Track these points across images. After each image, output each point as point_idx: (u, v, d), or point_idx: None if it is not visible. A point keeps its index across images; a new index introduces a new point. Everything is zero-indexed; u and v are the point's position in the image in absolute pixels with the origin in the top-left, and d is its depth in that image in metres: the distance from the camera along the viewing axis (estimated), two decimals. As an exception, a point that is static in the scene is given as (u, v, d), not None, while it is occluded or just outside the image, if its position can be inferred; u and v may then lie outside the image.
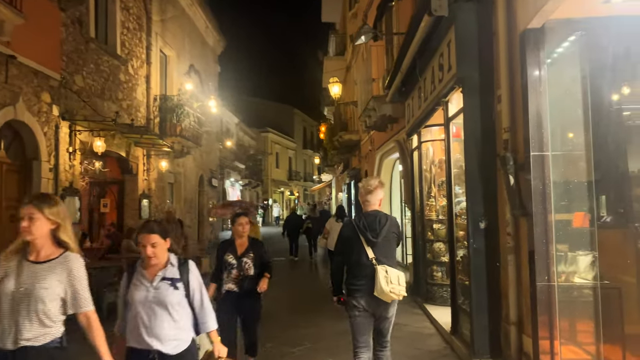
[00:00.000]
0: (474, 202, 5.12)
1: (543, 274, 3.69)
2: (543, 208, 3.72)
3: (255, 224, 8.38)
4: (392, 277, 3.82)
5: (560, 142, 3.76)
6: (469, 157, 5.18)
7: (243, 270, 4.61)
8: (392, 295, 3.80)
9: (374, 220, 3.98)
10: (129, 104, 11.75)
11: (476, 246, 5.09)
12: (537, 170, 3.74)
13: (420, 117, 7.46)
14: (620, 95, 3.91)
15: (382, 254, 3.92)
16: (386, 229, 3.94)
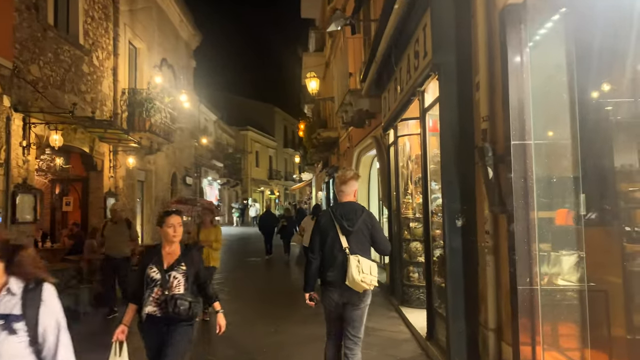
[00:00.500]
0: (450, 199, 4.73)
1: (524, 276, 3.30)
2: (525, 203, 3.34)
3: (216, 226, 7.69)
4: (364, 267, 3.83)
5: (544, 131, 3.38)
6: (445, 149, 4.79)
7: (168, 287, 3.45)
8: (364, 284, 3.82)
9: (350, 210, 4.05)
10: (93, 97, 11.14)
11: (452, 246, 4.71)
12: (519, 161, 3.35)
13: (396, 109, 7.06)
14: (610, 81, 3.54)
15: (356, 244, 3.95)
16: (362, 220, 3.98)
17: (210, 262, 7.26)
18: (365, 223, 4.01)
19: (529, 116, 3.36)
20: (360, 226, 3.98)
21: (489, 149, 3.84)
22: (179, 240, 3.65)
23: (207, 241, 7.30)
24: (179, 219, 3.73)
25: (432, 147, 6.12)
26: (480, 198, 4.50)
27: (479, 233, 4.60)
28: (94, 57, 11.28)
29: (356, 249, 3.94)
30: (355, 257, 3.87)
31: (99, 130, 10.43)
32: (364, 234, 4.01)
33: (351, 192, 4.14)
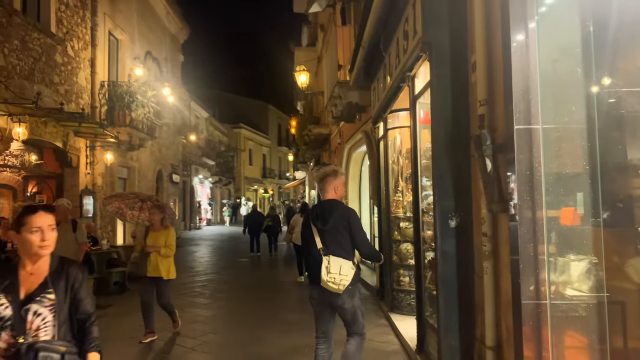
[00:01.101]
0: (442, 196, 4.16)
1: (530, 288, 2.73)
2: (530, 200, 2.76)
3: (168, 228, 6.34)
4: (333, 267, 3.78)
5: (554, 113, 2.81)
6: (437, 139, 4.22)
7: (26, 331, 2.15)
8: (330, 284, 3.77)
9: (325, 208, 4.00)
10: (67, 89, 10.52)
11: (445, 249, 4.14)
12: (523, 150, 2.78)
13: (385, 99, 6.49)
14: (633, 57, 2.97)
15: (331, 243, 3.88)
16: (335, 218, 3.89)
17: (161, 273, 6.22)
18: (341, 221, 3.89)
19: (535, 96, 2.78)
20: (334, 225, 3.89)
21: (487, 136, 3.27)
22: (48, 252, 2.26)
23: (155, 247, 6.13)
24: (50, 218, 2.28)
25: (423, 141, 5.55)
26: (477, 195, 3.93)
27: (475, 235, 4.03)
28: (69, 47, 10.65)
29: (331, 248, 3.87)
30: (327, 257, 3.82)
31: (72, 124, 9.82)
32: (340, 233, 3.89)
33: (330, 190, 4.04)
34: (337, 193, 4.06)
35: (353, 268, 3.83)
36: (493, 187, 3.29)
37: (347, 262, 3.83)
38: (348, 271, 3.80)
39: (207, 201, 33.88)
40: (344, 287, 3.77)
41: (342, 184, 4.12)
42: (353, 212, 4.07)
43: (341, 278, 3.76)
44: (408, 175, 6.89)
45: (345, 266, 3.81)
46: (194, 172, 29.43)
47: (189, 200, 28.61)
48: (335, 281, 3.76)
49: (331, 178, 4.05)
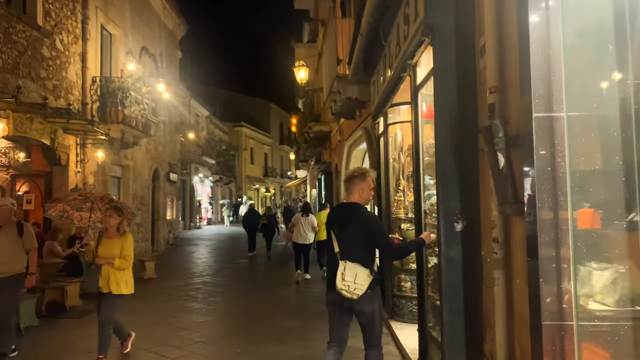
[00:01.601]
0: (446, 195, 3.72)
1: (553, 306, 2.29)
2: (552, 201, 2.33)
3: (125, 235, 5.33)
4: (348, 274, 3.65)
5: (581, 99, 2.36)
6: (441, 133, 3.79)
7: None
8: (344, 292, 3.65)
9: (343, 213, 3.93)
10: (56, 84, 10.11)
11: (449, 255, 3.71)
12: (544, 142, 2.34)
13: (385, 91, 6.05)
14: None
15: (348, 248, 3.75)
16: (354, 226, 3.75)
17: (112, 288, 5.19)
18: (360, 229, 3.74)
19: (558, 78, 2.34)
20: (351, 231, 3.75)
21: (500, 127, 2.83)
22: None
23: (107, 258, 5.12)
24: None
25: (426, 136, 5.12)
26: (486, 195, 3.49)
27: (483, 240, 3.59)
28: (57, 41, 10.24)
29: (347, 253, 3.73)
30: (344, 263, 3.69)
31: (60, 121, 9.41)
32: (357, 239, 3.74)
33: (355, 192, 3.88)
34: (361, 196, 3.89)
35: (370, 277, 3.67)
36: (506, 185, 2.85)
37: (364, 270, 3.66)
38: (364, 280, 3.64)
39: (208, 200, 33.46)
40: (357, 296, 3.64)
41: (369, 188, 3.92)
42: (374, 218, 4.04)
43: (355, 287, 3.63)
44: (410, 173, 6.45)
45: (361, 274, 3.65)
46: (193, 171, 29.03)
47: (188, 200, 28.23)
48: (349, 289, 3.64)
49: (359, 180, 3.88)
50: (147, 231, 15.73)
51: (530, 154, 2.41)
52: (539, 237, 2.36)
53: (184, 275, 11.93)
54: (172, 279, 11.25)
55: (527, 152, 2.45)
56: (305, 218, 10.98)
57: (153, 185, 16.58)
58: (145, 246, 15.49)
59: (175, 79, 19.60)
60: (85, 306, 8.36)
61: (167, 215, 18.06)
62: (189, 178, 28.08)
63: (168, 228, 18.34)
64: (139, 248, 14.88)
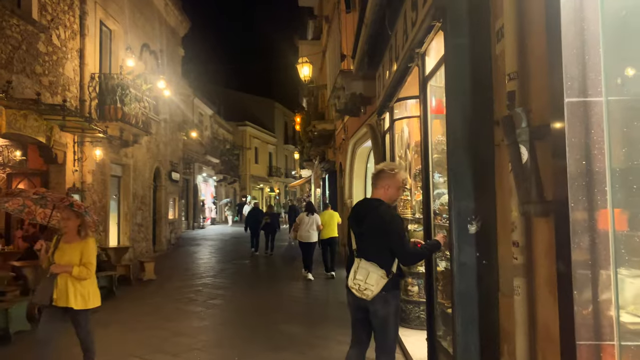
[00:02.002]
0: (459, 194, 3.39)
1: (589, 323, 1.96)
2: (587, 200, 1.99)
3: (85, 239, 4.49)
4: (360, 272, 3.52)
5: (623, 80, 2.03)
6: (453, 126, 3.45)
7: None
8: (354, 291, 3.55)
9: (362, 208, 3.78)
10: (52, 81, 9.84)
11: (462, 261, 3.37)
12: (577, 131, 2.00)
13: (391, 84, 5.72)
14: None
15: (365, 246, 3.62)
16: (371, 219, 3.60)
17: (70, 302, 4.29)
18: (377, 226, 3.55)
19: (596, 56, 2.00)
20: (368, 227, 3.60)
21: (522, 116, 2.49)
22: None
23: (63, 267, 4.29)
24: None
25: (435, 133, 4.81)
26: (504, 194, 3.16)
27: (500, 244, 3.26)
28: (54, 36, 9.97)
29: (364, 251, 3.59)
30: (359, 260, 3.56)
31: (56, 118, 9.13)
32: (374, 237, 3.57)
33: (380, 187, 3.69)
34: (386, 193, 3.68)
35: (384, 278, 3.48)
36: (529, 183, 2.52)
37: (379, 270, 3.47)
38: (376, 281, 3.46)
39: (212, 200, 33.18)
40: (367, 296, 3.49)
41: (396, 186, 3.70)
42: (394, 217, 3.64)
43: (366, 287, 3.47)
44: (417, 171, 6.11)
45: (373, 275, 3.48)
46: (197, 170, 28.78)
47: (192, 199, 27.98)
48: (359, 288, 3.50)
49: (386, 175, 3.68)
50: (148, 231, 15.46)
51: (560, 145, 2.08)
52: (572, 242, 2.02)
53: (185, 276, 11.63)
54: (172, 281, 10.96)
55: (557, 143, 2.11)
56: (309, 217, 11.17)
57: (154, 184, 16.31)
58: (146, 246, 15.23)
59: (177, 77, 19.34)
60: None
61: (169, 215, 17.79)
62: (193, 177, 27.82)
63: (170, 228, 18.07)
64: (140, 248, 14.64)
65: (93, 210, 11.20)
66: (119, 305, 8.50)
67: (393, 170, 3.70)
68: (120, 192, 13.73)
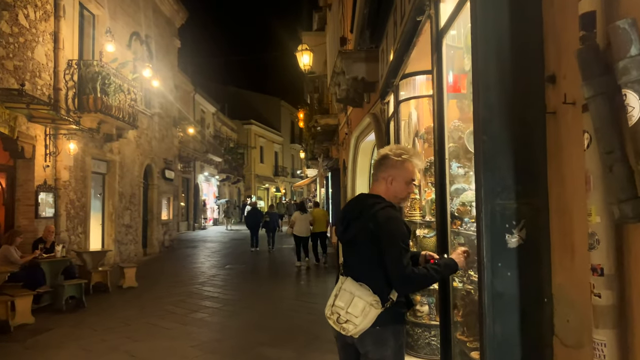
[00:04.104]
0: (493, 188, 2.23)
1: None
2: None
3: None
4: (342, 297, 2.42)
5: None
6: (484, 83, 2.29)
7: None
8: (331, 323, 2.47)
9: (354, 207, 2.63)
10: (18, 65, 8.80)
11: (498, 290, 2.21)
12: None
13: (396, 53, 4.57)
14: None
15: (353, 259, 2.56)
16: (359, 223, 2.49)
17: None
18: (367, 228, 2.42)
19: None
20: (357, 233, 2.51)
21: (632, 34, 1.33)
22: None
23: None
24: None
25: (451, 117, 3.68)
26: (565, 186, 2.02)
27: (558, 265, 2.10)
28: (21, 15, 8.93)
29: (352, 267, 2.54)
30: (344, 279, 2.49)
31: (18, 106, 8.08)
32: (365, 246, 2.45)
33: (382, 179, 2.56)
34: (389, 188, 2.55)
35: (377, 308, 2.35)
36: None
37: (368, 296, 2.37)
38: (361, 311, 2.35)
39: (214, 200, 32.12)
40: (347, 332, 2.40)
41: (404, 179, 2.54)
42: (391, 218, 2.43)
43: (347, 318, 2.38)
44: (428, 163, 4.95)
45: (359, 302, 2.37)
46: (198, 168, 27.76)
47: (192, 199, 26.96)
48: (337, 320, 2.42)
49: (390, 163, 2.54)
50: (138, 233, 14.41)
51: None
52: None
53: (170, 283, 10.54)
54: (154, 289, 9.88)
55: None
56: (302, 215, 12.98)
57: (145, 183, 15.26)
58: (135, 249, 14.19)
59: (173, 69, 18.31)
60: (38, 325, 7.02)
61: (162, 216, 16.72)
62: (193, 176, 26.81)
63: (164, 229, 17.01)
64: (128, 251, 13.60)
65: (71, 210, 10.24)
66: (84, 318, 7.42)
67: (401, 155, 2.53)
68: (105, 190, 12.69)
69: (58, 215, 9.95)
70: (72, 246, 10.42)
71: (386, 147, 2.75)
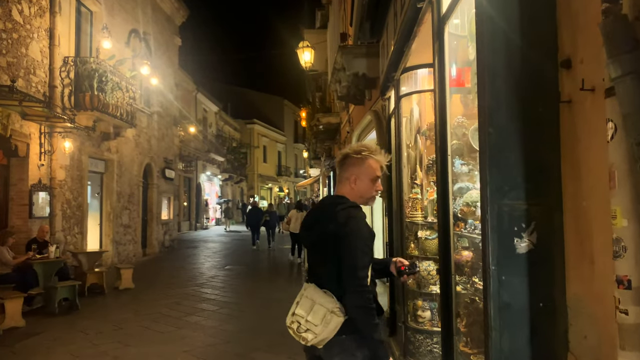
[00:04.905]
0: (500, 185, 1.99)
1: None
2: None
3: None
4: (303, 305, 2.26)
5: None
6: (490, 69, 2.05)
7: None
8: (291, 332, 2.31)
9: (318, 210, 2.57)
10: (11, 62, 8.61)
11: (505, 301, 1.97)
12: None
13: (396, 44, 4.33)
14: None
15: (317, 263, 2.41)
16: (320, 226, 2.36)
17: None
18: (327, 231, 2.28)
19: None
20: (318, 236, 2.37)
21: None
22: None
23: None
24: None
25: (454, 113, 3.44)
26: (581, 183, 1.77)
27: (573, 273, 1.86)
28: (15, 10, 8.74)
29: (316, 271, 2.38)
30: (307, 286, 2.33)
31: (10, 103, 7.88)
32: (326, 249, 2.30)
33: (345, 180, 2.41)
34: (354, 188, 2.39)
35: (338, 315, 2.18)
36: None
37: (328, 303, 2.20)
38: (321, 319, 2.18)
39: (216, 200, 31.91)
40: (307, 341, 2.24)
41: (369, 176, 2.38)
42: (350, 217, 2.26)
43: (307, 327, 2.21)
44: (430, 161, 4.71)
45: (319, 310, 2.19)
46: (200, 168, 27.58)
47: (194, 199, 26.77)
48: (297, 330, 2.25)
49: (351, 161, 2.39)
50: (137, 233, 14.22)
51: None
52: None
53: (167, 285, 10.33)
54: (151, 290, 9.68)
55: None
56: (299, 213, 13.31)
57: (145, 182, 15.07)
58: (134, 249, 13.99)
59: (173, 68, 18.12)
60: (28, 328, 6.82)
61: (162, 215, 16.53)
62: (195, 176, 26.64)
63: (164, 229, 16.82)
64: (126, 251, 13.41)
65: (67, 209, 10.05)
66: (76, 322, 7.21)
67: (361, 152, 2.38)
68: (102, 190, 12.50)
69: (53, 215, 9.76)
70: (69, 247, 10.23)
71: (346, 147, 2.62)
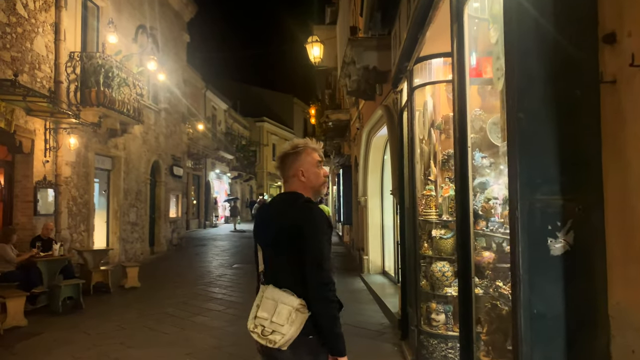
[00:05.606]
0: (531, 178, 1.75)
1: None
2: None
3: None
4: (264, 307, 2.19)
5: None
6: (520, 55, 1.81)
7: None
8: (255, 336, 2.19)
9: (273, 206, 2.45)
10: (15, 57, 8.46)
11: (538, 310, 1.73)
12: None
13: (410, 32, 4.09)
14: None
15: (276, 264, 2.30)
16: (277, 222, 2.29)
17: None
18: (285, 226, 2.21)
19: None
20: (276, 233, 2.27)
21: None
22: None
23: None
24: None
25: (472, 104, 3.20)
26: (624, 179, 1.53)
27: (615, 276, 1.61)
28: (19, 5, 8.60)
29: (273, 271, 2.29)
30: (265, 288, 2.25)
31: (14, 98, 7.74)
32: (284, 246, 2.22)
33: (293, 176, 2.35)
34: (303, 182, 2.34)
35: (302, 312, 2.13)
36: None
37: (291, 301, 2.15)
38: (286, 319, 2.12)
39: (226, 198, 31.79)
40: (275, 343, 2.12)
41: (313, 165, 2.37)
42: (314, 213, 2.20)
43: (272, 328, 2.13)
44: (445, 156, 4.46)
45: (283, 310, 2.14)
46: (209, 166, 27.46)
47: (203, 197, 26.67)
48: (262, 333, 2.16)
49: (292, 157, 2.37)
50: (144, 230, 14.08)
51: None
52: None
53: (174, 283, 10.17)
54: (157, 289, 9.51)
55: None
56: None
57: (152, 179, 14.93)
58: (142, 247, 13.85)
59: (182, 64, 17.97)
60: (30, 328, 6.67)
61: (170, 213, 16.39)
62: (204, 173, 26.52)
63: (172, 227, 16.68)
64: (134, 249, 13.28)
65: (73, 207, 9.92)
66: (79, 321, 7.05)
67: (297, 146, 2.40)
68: (109, 187, 12.37)
69: (59, 212, 9.62)
70: (75, 244, 10.11)
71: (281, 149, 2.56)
